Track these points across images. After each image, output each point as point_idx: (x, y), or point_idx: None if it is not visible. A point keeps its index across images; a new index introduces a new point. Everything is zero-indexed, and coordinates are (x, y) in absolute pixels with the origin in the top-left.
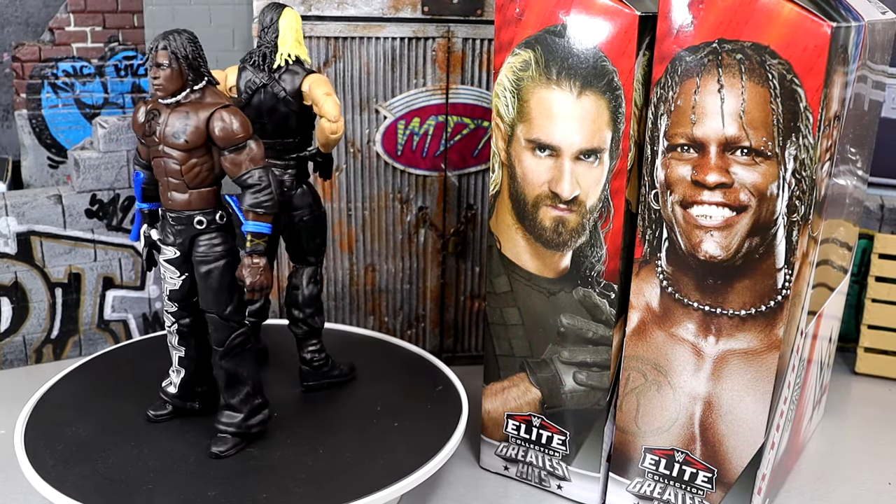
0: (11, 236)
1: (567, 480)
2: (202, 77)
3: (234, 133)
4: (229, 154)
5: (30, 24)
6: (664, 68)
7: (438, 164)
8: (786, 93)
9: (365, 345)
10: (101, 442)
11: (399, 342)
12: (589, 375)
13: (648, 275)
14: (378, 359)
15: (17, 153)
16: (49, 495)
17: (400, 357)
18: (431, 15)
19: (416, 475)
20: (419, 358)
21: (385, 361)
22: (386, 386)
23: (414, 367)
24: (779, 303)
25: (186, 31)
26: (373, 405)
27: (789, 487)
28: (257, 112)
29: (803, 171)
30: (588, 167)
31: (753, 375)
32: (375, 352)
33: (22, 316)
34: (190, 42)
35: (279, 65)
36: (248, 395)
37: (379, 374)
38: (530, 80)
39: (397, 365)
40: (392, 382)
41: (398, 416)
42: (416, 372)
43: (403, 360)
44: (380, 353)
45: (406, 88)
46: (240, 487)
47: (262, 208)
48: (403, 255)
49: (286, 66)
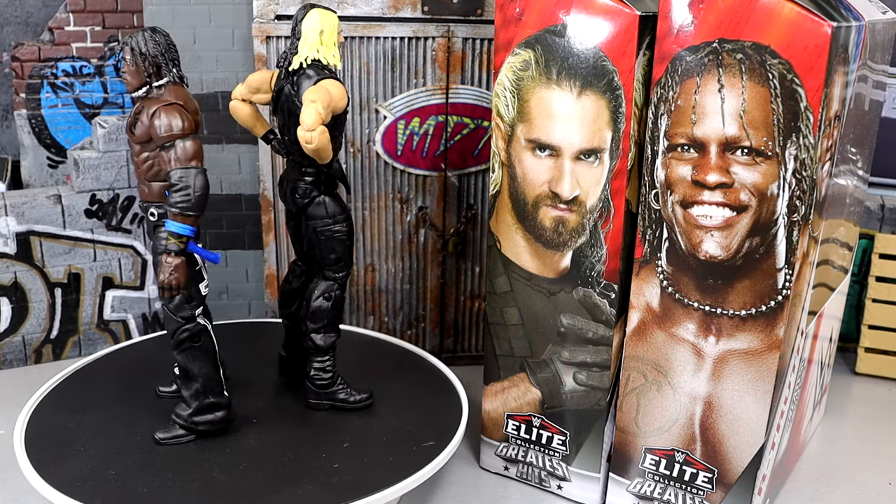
0: (11, 236)
1: (567, 481)
2: (163, 75)
3: (162, 131)
4: (161, 151)
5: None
6: (664, 68)
7: (438, 164)
8: (786, 92)
9: (365, 345)
10: (100, 442)
11: (399, 342)
12: (589, 375)
13: (649, 275)
14: (378, 359)
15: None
16: (49, 495)
17: (400, 357)
18: (431, 15)
19: (416, 476)
20: (419, 358)
21: (385, 361)
22: (386, 386)
23: (414, 367)
24: (779, 303)
25: (156, 29)
26: (372, 405)
27: (789, 487)
28: (281, 115)
29: (804, 171)
30: (588, 167)
31: (754, 375)
32: (375, 352)
33: (21, 316)
34: (151, 40)
35: (294, 68)
36: (198, 392)
37: (379, 374)
38: (530, 80)
39: (397, 365)
40: (392, 382)
41: (398, 417)
42: (416, 372)
43: (403, 360)
44: (380, 353)
45: (406, 88)
46: (240, 488)
47: (176, 208)
48: (403, 255)
49: (303, 70)
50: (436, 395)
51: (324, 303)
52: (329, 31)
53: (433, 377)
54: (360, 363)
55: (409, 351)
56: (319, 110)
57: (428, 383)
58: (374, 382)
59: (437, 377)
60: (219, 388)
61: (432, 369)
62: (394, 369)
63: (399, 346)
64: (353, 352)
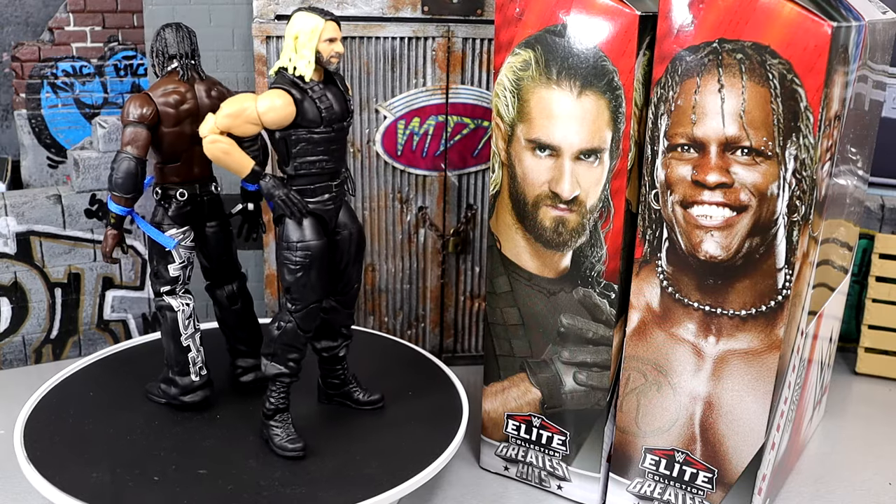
0: (11, 236)
1: (567, 481)
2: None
3: (122, 115)
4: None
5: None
6: (664, 68)
7: (438, 163)
8: (786, 92)
9: (365, 345)
10: (100, 442)
11: (399, 342)
12: (589, 375)
13: (649, 275)
14: (378, 358)
15: (16, 153)
16: (49, 495)
17: (400, 357)
18: (431, 15)
19: (416, 477)
20: (419, 358)
21: (385, 361)
22: (386, 386)
23: (414, 367)
24: (779, 303)
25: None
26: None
27: (789, 487)
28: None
29: (804, 171)
30: (588, 167)
31: (754, 376)
32: (375, 351)
33: (21, 316)
34: (156, 36)
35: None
36: (166, 364)
37: (378, 374)
38: (530, 80)
39: (397, 365)
40: (392, 382)
41: (398, 417)
42: (416, 372)
43: (403, 360)
44: (379, 353)
45: (406, 88)
46: (240, 489)
47: (108, 186)
48: (403, 255)
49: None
50: (436, 395)
51: (274, 329)
52: (306, 37)
53: (433, 377)
54: (360, 363)
55: (409, 351)
56: (216, 119)
57: (428, 383)
58: (375, 382)
59: (438, 377)
60: (178, 368)
61: (432, 369)
62: (394, 369)
63: (399, 345)
64: (354, 351)
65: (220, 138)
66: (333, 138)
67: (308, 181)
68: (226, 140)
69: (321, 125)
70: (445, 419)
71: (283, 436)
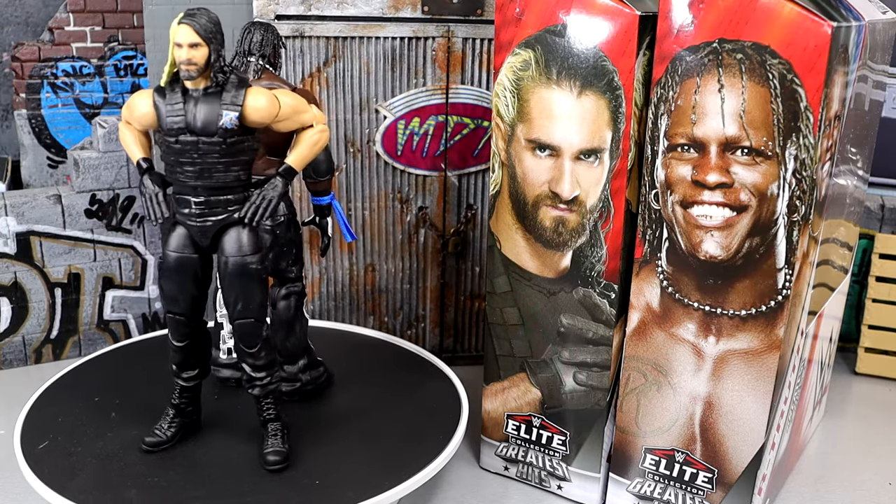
0: (11, 236)
1: (567, 481)
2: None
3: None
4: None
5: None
6: (664, 68)
7: (438, 164)
8: (786, 92)
9: (365, 345)
10: (100, 442)
11: (399, 342)
12: (589, 375)
13: (649, 275)
14: (378, 358)
15: (16, 153)
16: (48, 496)
17: (400, 357)
18: (431, 15)
19: (416, 477)
20: (419, 358)
21: (385, 361)
22: (385, 386)
23: (414, 368)
24: (779, 303)
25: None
26: (372, 406)
27: (789, 487)
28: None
29: (804, 171)
30: (588, 167)
31: (754, 376)
32: (375, 352)
33: (21, 316)
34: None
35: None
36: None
37: (378, 374)
38: (530, 80)
39: (397, 365)
40: (392, 382)
41: (398, 417)
42: (416, 372)
43: (403, 360)
44: (379, 353)
45: (406, 88)
46: (239, 489)
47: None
48: (403, 255)
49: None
50: (436, 395)
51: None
52: (169, 39)
53: (433, 377)
54: (360, 363)
55: (409, 351)
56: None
57: (428, 383)
58: (375, 382)
59: (437, 377)
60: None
61: (432, 369)
62: (394, 369)
63: (399, 345)
64: (354, 351)
65: (121, 127)
66: (180, 150)
67: (175, 189)
68: (124, 129)
69: (167, 135)
70: (445, 419)
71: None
